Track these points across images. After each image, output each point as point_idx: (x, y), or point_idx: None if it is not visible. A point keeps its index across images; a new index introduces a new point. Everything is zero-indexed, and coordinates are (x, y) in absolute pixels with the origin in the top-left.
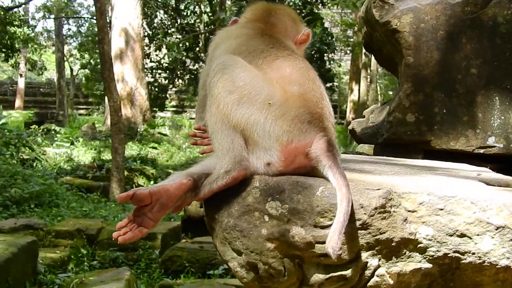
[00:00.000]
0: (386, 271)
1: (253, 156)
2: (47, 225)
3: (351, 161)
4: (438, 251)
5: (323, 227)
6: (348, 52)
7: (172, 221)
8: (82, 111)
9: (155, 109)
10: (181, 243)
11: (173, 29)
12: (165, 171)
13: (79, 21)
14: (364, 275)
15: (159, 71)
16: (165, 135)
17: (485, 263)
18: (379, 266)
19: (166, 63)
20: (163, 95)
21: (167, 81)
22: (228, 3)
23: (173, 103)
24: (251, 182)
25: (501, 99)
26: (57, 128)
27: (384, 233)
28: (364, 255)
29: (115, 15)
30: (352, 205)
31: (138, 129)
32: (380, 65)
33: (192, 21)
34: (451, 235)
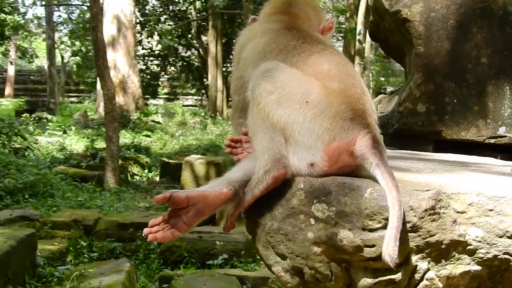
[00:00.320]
0: (435, 275)
1: (295, 156)
2: (43, 216)
3: None
4: (487, 253)
5: (372, 230)
6: (340, 38)
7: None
8: (73, 99)
9: (147, 96)
10: None
11: (165, 16)
12: (159, 159)
13: (70, 8)
14: (413, 279)
15: (151, 58)
16: (158, 123)
17: None
18: (428, 269)
19: (158, 50)
20: (155, 83)
21: (159, 68)
22: None
23: (165, 90)
24: (295, 183)
25: (511, 88)
26: (49, 116)
27: (434, 235)
28: (413, 259)
29: (107, 2)
30: (402, 207)
31: (131, 117)
32: (386, 54)
33: (184, 8)
34: (501, 237)
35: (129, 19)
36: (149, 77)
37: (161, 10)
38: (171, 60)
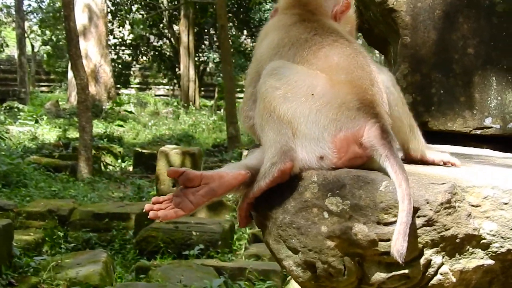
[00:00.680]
0: (449, 269)
1: (304, 150)
2: (17, 206)
3: None
4: (501, 247)
5: (386, 224)
6: None
7: (144, 201)
8: (43, 88)
9: (118, 86)
10: (156, 223)
11: (136, 5)
12: (132, 149)
13: None
14: (427, 273)
15: (123, 48)
16: (131, 112)
17: None
18: (442, 263)
19: (129, 40)
20: (127, 72)
21: (130, 58)
22: None
23: (137, 80)
24: (308, 176)
25: (498, 79)
26: (20, 106)
27: (449, 229)
28: (427, 253)
29: None
30: (412, 201)
31: (103, 107)
32: (369, 44)
33: None
34: None
35: (101, 8)
36: (120, 66)
37: None
38: (142, 49)
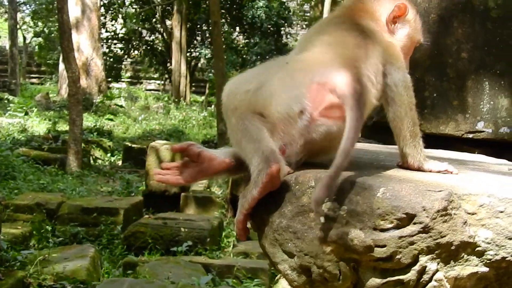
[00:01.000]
0: (444, 276)
1: (283, 109)
2: (5, 199)
3: (373, 151)
4: (496, 254)
5: (383, 230)
6: (304, 26)
7: (133, 196)
8: (34, 80)
9: (110, 79)
10: (144, 218)
11: None
12: (122, 143)
13: None
14: (421, 279)
15: (115, 42)
16: (121, 106)
17: None
18: (437, 270)
19: (122, 34)
20: (119, 66)
21: (122, 52)
22: None
23: (129, 74)
24: (306, 181)
25: (491, 84)
26: (10, 97)
27: (444, 236)
28: (423, 259)
29: None
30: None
31: (93, 100)
32: None
33: None
34: (510, 239)
35: (94, 1)
36: (112, 60)
37: None
38: (134, 43)
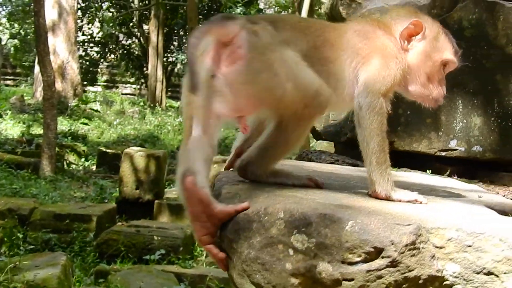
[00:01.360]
0: None
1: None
2: None
3: (344, 176)
4: None
5: (351, 264)
6: None
7: (106, 202)
8: (9, 82)
9: (85, 82)
10: (117, 226)
11: (107, 3)
12: (96, 148)
13: None
14: None
15: (91, 45)
16: (97, 111)
17: None
18: None
19: (98, 37)
20: (95, 70)
21: (98, 56)
22: None
23: (105, 78)
24: (275, 212)
25: (464, 102)
26: None
27: (412, 270)
28: None
29: None
30: None
31: (68, 104)
32: None
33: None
34: (478, 273)
35: (71, 5)
36: (88, 63)
37: None
38: (111, 47)
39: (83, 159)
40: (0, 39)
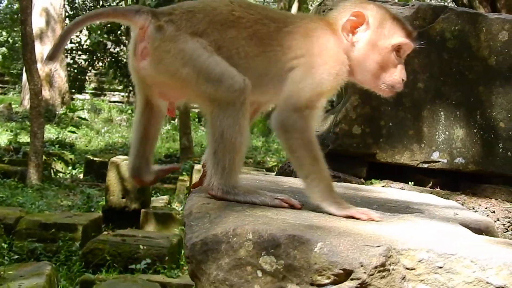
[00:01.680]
0: None
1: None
2: None
3: None
4: None
5: (320, 286)
6: None
7: (93, 211)
8: None
9: (73, 90)
10: (103, 235)
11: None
12: (84, 156)
13: None
14: None
15: (79, 53)
16: (84, 119)
17: None
18: None
19: (86, 45)
20: (83, 77)
21: (86, 63)
22: None
23: (93, 86)
24: (243, 233)
25: (446, 114)
26: None
27: None
28: None
29: None
30: None
31: (56, 112)
32: None
33: (114, 4)
34: None
35: (59, 13)
36: (76, 71)
37: (91, 4)
38: (99, 55)
39: (71, 168)
40: None
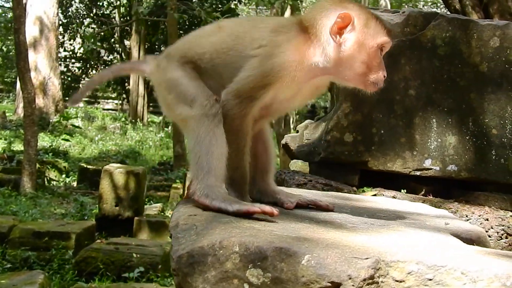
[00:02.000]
0: None
1: None
2: None
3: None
4: None
5: None
6: None
7: (86, 220)
8: None
9: (67, 98)
10: (96, 243)
11: (88, 19)
12: (78, 164)
13: None
14: None
15: (73, 61)
16: (78, 127)
17: None
18: None
19: (80, 53)
20: (76, 85)
21: (80, 71)
22: None
23: (86, 93)
24: (230, 246)
25: (438, 121)
26: None
27: None
28: None
29: (30, 3)
30: None
31: (50, 120)
32: None
33: (108, 12)
34: None
35: (52, 21)
36: (70, 79)
37: (85, 13)
38: (93, 63)
39: (64, 176)
40: None
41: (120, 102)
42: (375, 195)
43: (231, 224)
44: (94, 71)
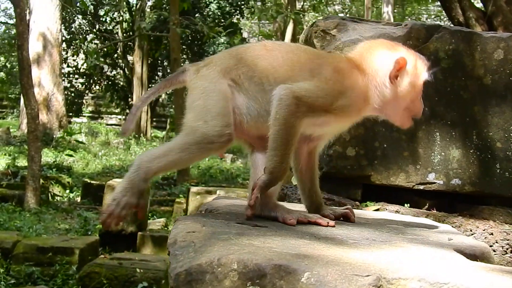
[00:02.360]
0: None
1: None
2: None
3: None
4: None
5: None
6: None
7: (89, 235)
8: None
9: (70, 114)
10: (100, 259)
11: (91, 35)
12: (81, 179)
13: None
14: None
15: (76, 76)
16: (82, 142)
17: None
18: None
19: (83, 69)
20: (80, 101)
21: (83, 87)
22: (147, 11)
23: (90, 109)
24: (228, 263)
25: (441, 134)
26: None
27: None
28: None
29: (34, 19)
30: None
31: (54, 135)
32: None
33: (110, 28)
34: None
35: (55, 37)
36: (73, 95)
37: (88, 29)
38: (96, 78)
39: (68, 191)
40: None
41: (123, 117)
42: (378, 209)
43: (230, 241)
44: (97, 87)
